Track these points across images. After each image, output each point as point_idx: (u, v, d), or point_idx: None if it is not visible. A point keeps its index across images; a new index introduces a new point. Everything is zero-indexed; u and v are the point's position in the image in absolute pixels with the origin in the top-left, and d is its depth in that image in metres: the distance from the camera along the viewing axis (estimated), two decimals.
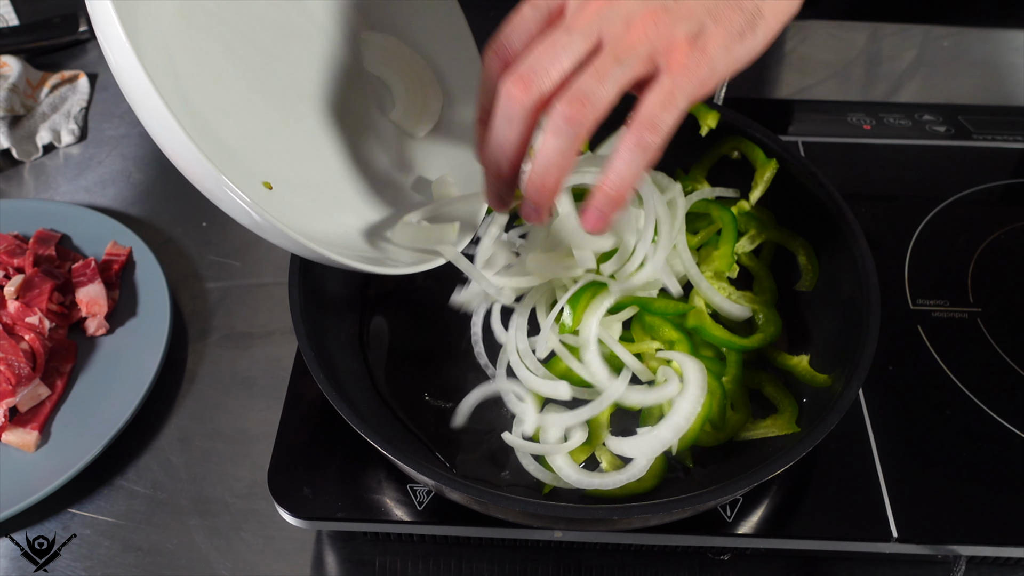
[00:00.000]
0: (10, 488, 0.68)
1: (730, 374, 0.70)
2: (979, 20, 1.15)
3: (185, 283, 0.86)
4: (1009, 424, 0.70)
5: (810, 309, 0.74)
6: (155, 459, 0.73)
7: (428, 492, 0.65)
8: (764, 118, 0.80)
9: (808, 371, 0.69)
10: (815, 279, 0.75)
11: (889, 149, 0.92)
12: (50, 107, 1.02)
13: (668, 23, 0.53)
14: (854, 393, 0.61)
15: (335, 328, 0.73)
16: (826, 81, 1.08)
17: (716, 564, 0.66)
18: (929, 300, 0.79)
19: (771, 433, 0.66)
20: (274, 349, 0.80)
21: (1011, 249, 0.83)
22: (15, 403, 0.71)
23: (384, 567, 0.67)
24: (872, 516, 0.64)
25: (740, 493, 0.60)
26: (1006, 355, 0.75)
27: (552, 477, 0.65)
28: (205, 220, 0.91)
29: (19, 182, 0.96)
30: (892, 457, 0.67)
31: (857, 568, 0.66)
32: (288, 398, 0.70)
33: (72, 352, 0.77)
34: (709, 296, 0.73)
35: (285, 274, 0.68)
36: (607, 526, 0.62)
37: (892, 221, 0.85)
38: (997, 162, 0.91)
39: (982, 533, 0.64)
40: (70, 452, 0.70)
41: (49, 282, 0.78)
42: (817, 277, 0.75)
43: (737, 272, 0.76)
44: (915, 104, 0.99)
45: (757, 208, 0.79)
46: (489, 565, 0.66)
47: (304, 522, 0.64)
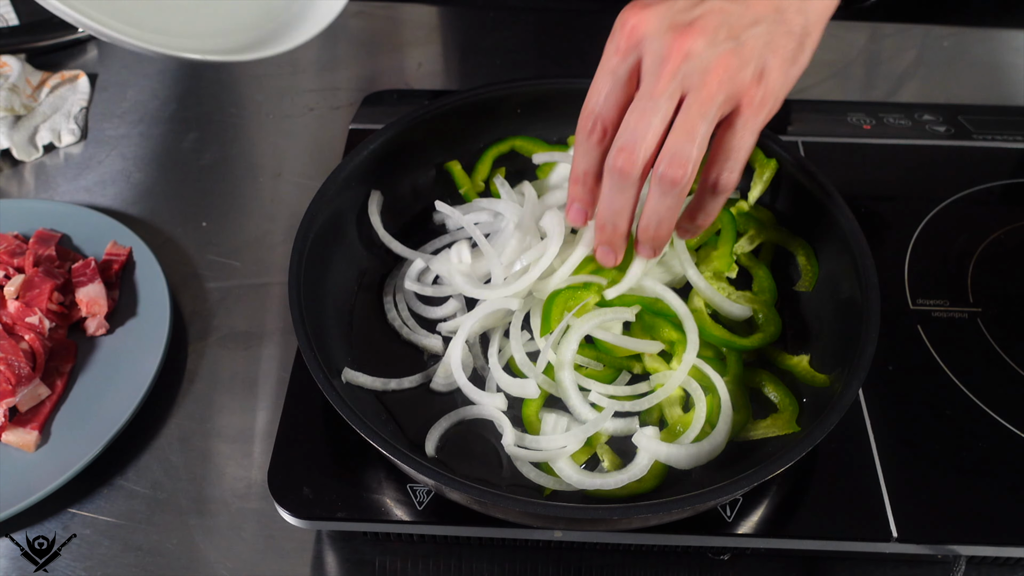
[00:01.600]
0: (10, 488, 0.68)
1: (730, 374, 0.69)
2: (979, 20, 1.15)
3: (185, 283, 0.86)
4: (1009, 424, 0.70)
5: (810, 309, 0.74)
6: (155, 459, 0.73)
7: (428, 492, 0.65)
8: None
9: (808, 371, 0.69)
10: (815, 279, 0.75)
11: (889, 149, 0.92)
12: (50, 107, 1.02)
13: (738, 67, 0.58)
14: (854, 393, 0.61)
15: (335, 328, 0.73)
16: (826, 81, 1.08)
17: (716, 564, 0.66)
18: (929, 300, 0.79)
19: (771, 433, 0.66)
20: (274, 349, 0.80)
21: (1011, 249, 0.83)
22: (15, 403, 0.71)
23: (384, 567, 0.67)
24: (872, 516, 0.64)
25: (740, 493, 0.60)
26: (1006, 355, 0.75)
27: (552, 481, 0.65)
28: (205, 220, 0.91)
29: (19, 182, 0.96)
30: (892, 457, 0.67)
31: (857, 568, 0.66)
32: (288, 398, 0.70)
33: (72, 352, 0.77)
34: (709, 296, 0.73)
35: (285, 274, 0.68)
36: (607, 526, 0.62)
37: (892, 221, 0.85)
38: (997, 162, 0.91)
39: (982, 533, 0.64)
40: (70, 452, 0.70)
41: (49, 282, 0.78)
42: (816, 277, 0.75)
43: (736, 272, 0.76)
44: (915, 104, 0.98)
45: (756, 208, 0.79)
46: (489, 565, 0.66)
47: (304, 522, 0.64)
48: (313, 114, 1.03)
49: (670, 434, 0.67)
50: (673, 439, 0.66)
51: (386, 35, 0.99)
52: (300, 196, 0.92)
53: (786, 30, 0.59)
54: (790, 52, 0.60)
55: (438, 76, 1.10)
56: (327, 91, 1.06)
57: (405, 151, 0.81)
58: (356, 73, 1.09)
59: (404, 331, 0.74)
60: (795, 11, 0.60)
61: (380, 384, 0.70)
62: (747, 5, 0.59)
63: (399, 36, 1.13)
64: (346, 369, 0.67)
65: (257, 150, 0.98)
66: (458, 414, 0.69)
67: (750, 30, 0.58)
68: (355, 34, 0.95)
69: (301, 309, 0.66)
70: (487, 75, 1.08)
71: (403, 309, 0.76)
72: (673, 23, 0.58)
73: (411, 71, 1.09)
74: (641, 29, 0.59)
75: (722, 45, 0.57)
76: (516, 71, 1.07)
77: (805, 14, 0.60)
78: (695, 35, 0.57)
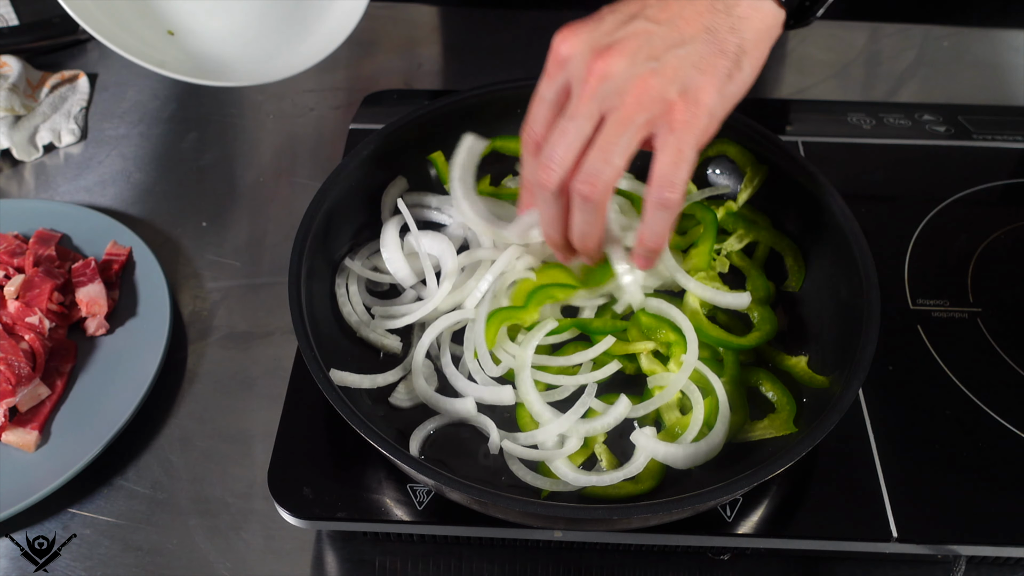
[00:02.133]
0: (10, 488, 0.68)
1: (727, 375, 0.69)
2: (979, 20, 1.15)
3: (185, 283, 0.86)
4: (1009, 424, 0.70)
5: (810, 309, 0.74)
6: (155, 459, 0.73)
7: (428, 492, 0.65)
8: (764, 118, 0.80)
9: (807, 372, 0.69)
10: (802, 279, 0.75)
11: (889, 149, 0.92)
12: (50, 107, 1.02)
13: (658, 86, 0.58)
14: (854, 393, 0.61)
15: (335, 328, 0.73)
16: (826, 81, 1.08)
17: (716, 564, 0.66)
18: (929, 300, 0.79)
19: (768, 434, 0.66)
20: (274, 349, 0.80)
21: (1011, 249, 0.83)
22: (15, 403, 0.71)
23: (384, 567, 0.67)
24: (872, 516, 0.64)
25: (740, 493, 0.60)
26: (1006, 355, 0.75)
27: (549, 483, 0.65)
28: (205, 220, 0.91)
29: (19, 182, 0.96)
30: (892, 457, 0.67)
31: (857, 568, 0.66)
32: (288, 398, 0.70)
33: (72, 352, 0.77)
34: (700, 293, 0.73)
35: (285, 274, 0.68)
36: (607, 526, 0.62)
37: (892, 221, 0.85)
38: (997, 162, 0.91)
39: (982, 533, 0.64)
40: (70, 452, 0.70)
41: (49, 282, 0.78)
42: (804, 277, 0.75)
43: (727, 267, 0.77)
44: (915, 104, 0.98)
45: (750, 209, 0.79)
46: (489, 565, 0.66)
47: (304, 522, 0.64)
48: (313, 114, 1.03)
49: (668, 436, 0.67)
50: (672, 440, 0.66)
51: (386, 35, 0.99)
52: (300, 196, 0.92)
53: (718, 49, 0.60)
54: (723, 70, 0.60)
55: (438, 76, 1.10)
56: (327, 91, 1.06)
57: (405, 151, 0.81)
58: (356, 73, 1.09)
59: (362, 329, 0.73)
60: (727, 30, 0.60)
61: (368, 381, 0.69)
62: (674, 26, 0.59)
63: (399, 36, 1.13)
64: (333, 370, 0.66)
65: (257, 150, 0.98)
66: (441, 418, 0.69)
67: (674, 51, 0.59)
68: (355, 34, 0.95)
69: (301, 309, 0.66)
70: (487, 75, 1.08)
71: (358, 304, 0.75)
72: (595, 46, 0.59)
73: (411, 71, 1.09)
74: (566, 52, 0.61)
75: (641, 66, 0.58)
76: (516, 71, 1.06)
77: (739, 33, 0.60)
78: (614, 57, 0.58)
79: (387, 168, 0.80)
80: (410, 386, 0.70)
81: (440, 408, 0.68)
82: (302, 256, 0.69)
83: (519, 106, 0.83)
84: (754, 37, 0.61)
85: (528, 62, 1.08)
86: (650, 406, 0.68)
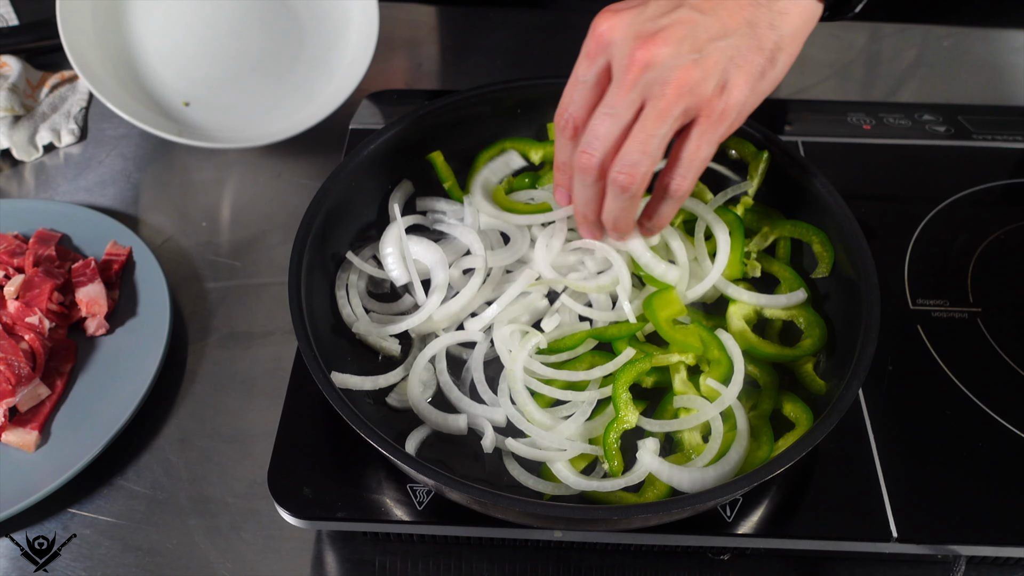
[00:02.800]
0: (10, 488, 0.68)
1: (761, 409, 0.67)
2: (979, 20, 1.15)
3: (185, 283, 0.86)
4: (1009, 424, 0.70)
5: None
6: (155, 459, 0.73)
7: (428, 492, 0.65)
8: (764, 118, 0.80)
9: (810, 374, 0.69)
10: (831, 264, 0.73)
11: (889, 149, 0.92)
12: (50, 107, 1.02)
13: (699, 79, 0.59)
14: (854, 393, 0.61)
15: (335, 328, 0.73)
16: (826, 81, 1.08)
17: (716, 564, 0.66)
18: (929, 300, 0.79)
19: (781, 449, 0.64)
20: (274, 349, 0.80)
21: (1011, 249, 0.83)
22: (15, 403, 0.71)
23: (384, 567, 0.67)
24: (872, 516, 0.64)
25: (740, 493, 0.60)
26: (1006, 355, 0.75)
27: (550, 487, 0.64)
28: (205, 220, 0.91)
29: (19, 182, 0.96)
30: (892, 457, 0.67)
31: (857, 568, 0.66)
32: (288, 398, 0.70)
33: (72, 352, 0.77)
34: (755, 301, 0.72)
35: (285, 274, 0.68)
36: (607, 526, 0.62)
37: (892, 221, 0.85)
38: (997, 162, 0.91)
39: (982, 533, 0.64)
40: (70, 452, 0.70)
41: (49, 282, 0.78)
42: (833, 262, 0.73)
43: (759, 271, 0.76)
44: (915, 104, 0.98)
45: (762, 205, 0.78)
46: (489, 565, 0.66)
47: (304, 522, 0.64)
48: None
49: (682, 457, 0.65)
50: (684, 462, 0.65)
51: (386, 35, 0.99)
52: (300, 196, 0.92)
53: (756, 45, 0.60)
54: (758, 67, 0.60)
55: (438, 76, 1.10)
56: None
57: (405, 151, 0.81)
58: None
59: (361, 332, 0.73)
60: (767, 26, 0.60)
61: (369, 383, 0.69)
62: (717, 17, 0.59)
63: (399, 36, 1.13)
64: (334, 373, 0.66)
65: (257, 150, 0.98)
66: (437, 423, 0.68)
67: (716, 43, 0.59)
68: None
69: (301, 309, 0.66)
70: (487, 75, 1.08)
71: (357, 306, 0.75)
72: (639, 31, 0.59)
73: (411, 71, 1.09)
74: (609, 35, 0.60)
75: (685, 56, 0.58)
76: (516, 71, 1.07)
77: (778, 30, 0.60)
78: (659, 44, 0.58)
79: (387, 168, 0.80)
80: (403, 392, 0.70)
81: (431, 421, 0.68)
82: (302, 256, 0.69)
83: (519, 106, 0.84)
84: (791, 33, 0.61)
85: (528, 62, 1.09)
86: (667, 427, 0.66)
